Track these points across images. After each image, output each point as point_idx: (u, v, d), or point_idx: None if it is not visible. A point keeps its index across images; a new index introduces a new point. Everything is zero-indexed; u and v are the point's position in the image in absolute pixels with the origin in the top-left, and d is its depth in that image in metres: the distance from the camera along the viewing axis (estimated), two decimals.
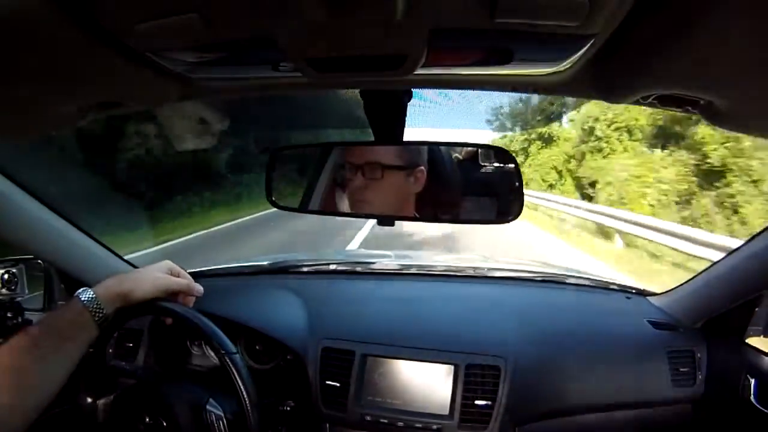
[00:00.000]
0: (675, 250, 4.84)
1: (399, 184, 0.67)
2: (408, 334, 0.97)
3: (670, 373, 0.96)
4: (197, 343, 1.10)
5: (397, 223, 0.71)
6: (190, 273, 0.88)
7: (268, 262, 1.39)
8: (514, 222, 0.67)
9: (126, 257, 1.13)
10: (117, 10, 0.33)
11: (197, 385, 0.85)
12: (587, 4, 0.29)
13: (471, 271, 1.29)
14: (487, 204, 0.68)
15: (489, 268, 1.31)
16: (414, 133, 0.69)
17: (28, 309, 1.10)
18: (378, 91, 0.59)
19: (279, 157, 0.75)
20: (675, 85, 0.40)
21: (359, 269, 1.33)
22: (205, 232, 7.20)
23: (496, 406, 0.88)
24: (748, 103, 0.40)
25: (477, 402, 0.88)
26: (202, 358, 1.08)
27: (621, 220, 6.09)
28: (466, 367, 0.90)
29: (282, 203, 0.76)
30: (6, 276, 1.10)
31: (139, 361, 1.06)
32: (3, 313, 1.06)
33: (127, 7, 0.32)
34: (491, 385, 0.89)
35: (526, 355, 0.93)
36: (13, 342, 0.64)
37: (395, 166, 0.67)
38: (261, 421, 0.75)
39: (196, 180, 8.91)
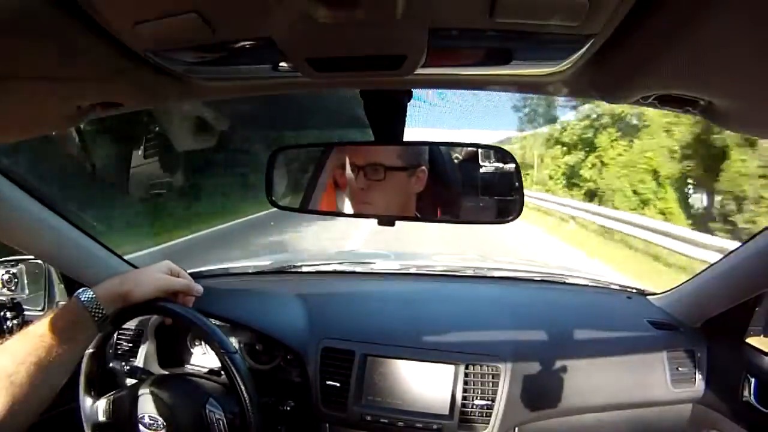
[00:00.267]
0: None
1: (401, 184, 0.67)
2: (408, 335, 0.97)
3: (670, 373, 0.96)
4: (197, 343, 1.10)
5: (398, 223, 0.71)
6: (190, 273, 0.88)
7: (268, 263, 1.39)
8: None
9: (126, 256, 1.13)
10: (117, 10, 0.33)
11: (197, 385, 0.85)
12: (587, 4, 0.29)
13: (471, 271, 1.29)
14: (488, 204, 0.68)
15: (489, 268, 1.31)
16: (414, 133, 0.69)
17: (28, 309, 1.10)
18: (378, 91, 0.59)
19: (279, 157, 0.75)
20: (675, 85, 0.40)
21: (359, 269, 1.34)
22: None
23: (496, 406, 0.88)
24: (748, 103, 0.40)
25: (477, 402, 0.88)
26: (202, 358, 1.08)
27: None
28: (466, 367, 0.90)
29: (282, 203, 0.76)
30: (6, 276, 1.11)
31: (139, 361, 1.06)
32: (3, 313, 1.07)
33: (127, 7, 0.32)
34: (491, 385, 0.89)
35: (526, 355, 0.93)
36: (13, 342, 0.64)
37: (397, 167, 0.66)
38: (261, 421, 0.76)
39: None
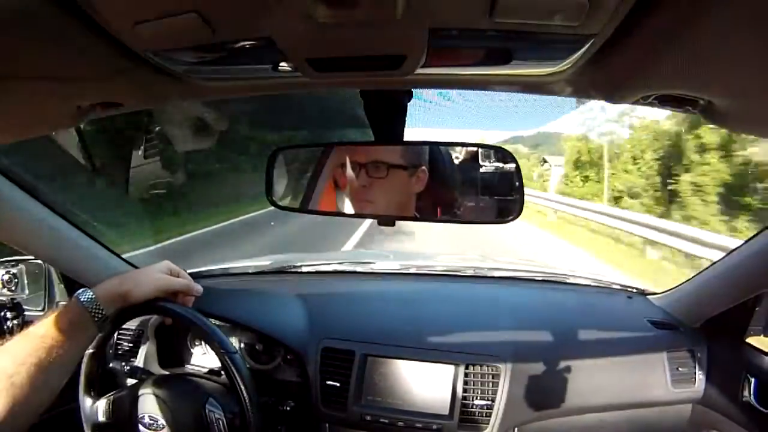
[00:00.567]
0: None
1: (402, 183, 0.67)
2: (408, 335, 0.97)
3: (670, 373, 0.95)
4: (197, 343, 1.10)
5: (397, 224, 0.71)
6: (190, 273, 0.88)
7: (268, 263, 1.39)
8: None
9: (125, 255, 1.13)
10: (117, 10, 0.33)
11: (197, 385, 0.85)
12: (587, 4, 0.29)
13: (471, 271, 1.29)
14: (488, 204, 0.68)
15: (489, 268, 1.31)
16: (413, 133, 0.69)
17: (28, 309, 1.10)
18: (378, 91, 0.59)
19: (279, 157, 0.75)
20: (675, 85, 0.40)
21: (359, 269, 1.34)
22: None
23: (496, 406, 0.88)
24: (748, 103, 0.40)
25: (477, 402, 0.88)
26: (202, 358, 1.08)
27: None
28: (466, 367, 0.90)
29: (282, 203, 0.76)
30: (6, 276, 1.11)
31: (139, 361, 1.06)
32: (3, 313, 1.07)
33: (127, 7, 0.32)
34: (491, 385, 0.89)
35: (526, 355, 0.93)
36: (14, 343, 0.64)
37: (400, 165, 0.67)
38: (261, 421, 0.76)
39: None
